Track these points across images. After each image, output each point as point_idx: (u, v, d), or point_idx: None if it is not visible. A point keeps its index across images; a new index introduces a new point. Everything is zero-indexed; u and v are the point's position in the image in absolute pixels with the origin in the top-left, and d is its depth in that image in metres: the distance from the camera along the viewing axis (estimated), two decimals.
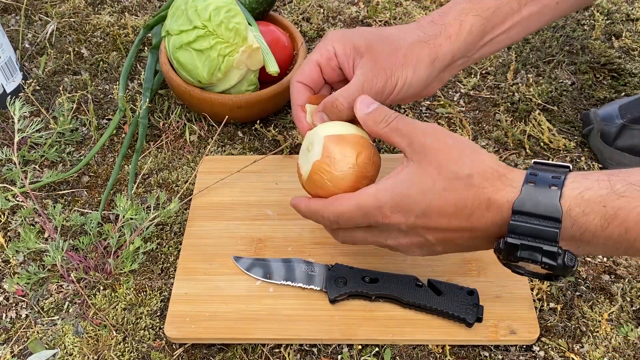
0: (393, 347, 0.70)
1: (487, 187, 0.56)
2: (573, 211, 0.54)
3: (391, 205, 0.59)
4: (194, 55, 0.86)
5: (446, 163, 0.58)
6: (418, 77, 0.69)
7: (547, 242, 0.54)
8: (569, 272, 0.55)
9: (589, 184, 0.54)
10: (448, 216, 0.58)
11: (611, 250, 0.56)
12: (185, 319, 0.71)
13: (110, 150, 0.93)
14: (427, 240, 0.61)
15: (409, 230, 0.60)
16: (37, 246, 0.74)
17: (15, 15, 1.15)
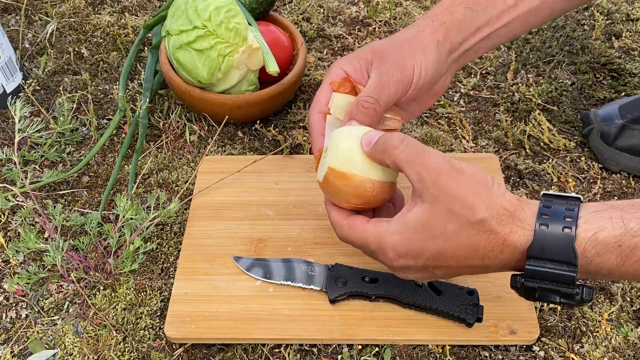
0: (393, 347, 0.70)
1: (500, 231, 0.55)
2: (588, 252, 0.54)
3: (400, 251, 0.59)
4: (194, 55, 0.86)
5: (459, 208, 0.56)
6: (430, 59, 0.68)
7: (564, 285, 0.54)
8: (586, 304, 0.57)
9: (602, 224, 0.54)
10: (459, 259, 0.57)
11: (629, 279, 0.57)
12: (185, 319, 0.71)
13: (110, 150, 0.93)
14: (437, 275, 0.61)
15: (418, 270, 0.60)
16: (37, 246, 0.74)
17: (15, 15, 1.15)
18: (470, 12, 0.71)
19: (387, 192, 0.63)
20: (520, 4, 0.72)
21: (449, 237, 0.56)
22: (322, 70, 1.04)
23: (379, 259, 0.62)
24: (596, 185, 0.86)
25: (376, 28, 1.12)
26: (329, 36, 1.11)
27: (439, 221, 0.56)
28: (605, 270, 0.54)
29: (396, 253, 0.59)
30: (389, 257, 0.59)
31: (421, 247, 0.57)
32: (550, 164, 0.88)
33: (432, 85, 0.70)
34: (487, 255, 0.56)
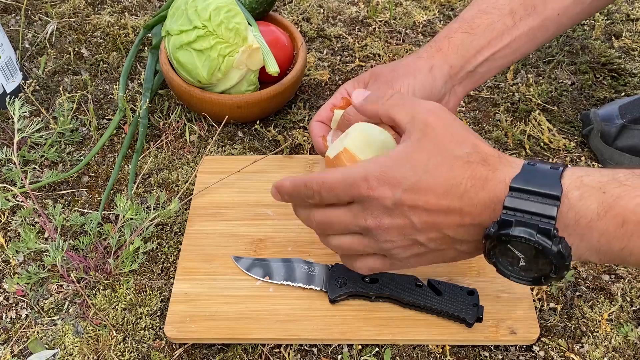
0: (393, 347, 0.70)
1: (484, 166, 0.54)
2: (571, 194, 0.52)
3: (378, 177, 0.55)
4: (194, 55, 0.86)
5: (446, 142, 0.55)
6: (419, 83, 0.71)
7: (544, 219, 0.51)
8: (562, 266, 0.52)
9: (591, 171, 0.53)
10: (438, 195, 0.54)
11: (604, 250, 0.53)
12: (185, 319, 0.71)
13: (110, 150, 0.93)
14: (412, 224, 0.56)
15: (393, 208, 0.56)
16: (37, 246, 0.74)
17: (15, 15, 1.15)
18: (469, 36, 0.74)
19: None
20: (520, 24, 0.74)
21: (431, 168, 0.54)
22: (322, 70, 1.04)
23: (353, 194, 0.57)
24: None
25: (376, 28, 1.12)
26: (329, 36, 1.11)
27: (424, 153, 0.55)
28: (584, 222, 0.52)
29: (375, 179, 0.55)
30: (366, 185, 0.56)
31: (401, 175, 0.55)
32: None
33: None
34: (467, 190, 0.54)
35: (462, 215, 0.54)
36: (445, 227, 0.56)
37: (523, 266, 0.55)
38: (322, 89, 1.02)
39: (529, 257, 0.54)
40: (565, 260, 0.52)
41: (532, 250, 0.53)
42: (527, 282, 0.56)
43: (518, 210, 0.52)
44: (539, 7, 0.75)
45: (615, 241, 0.52)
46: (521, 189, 0.52)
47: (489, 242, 0.54)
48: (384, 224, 0.57)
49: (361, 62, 1.06)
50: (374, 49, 1.07)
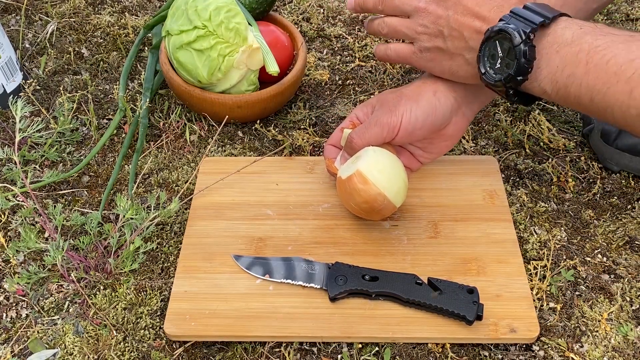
0: (393, 346, 0.70)
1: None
2: (559, 22, 0.64)
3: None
4: (194, 55, 0.86)
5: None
6: (422, 107, 0.75)
7: (528, 24, 0.64)
8: (522, 68, 0.64)
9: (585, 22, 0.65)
10: (478, 2, 0.68)
11: (558, 76, 0.64)
12: (185, 317, 0.71)
13: (111, 150, 0.93)
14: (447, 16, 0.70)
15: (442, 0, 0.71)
16: (37, 246, 0.74)
17: (16, 15, 1.15)
18: None
19: (389, 211, 0.74)
20: None
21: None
22: (322, 70, 1.04)
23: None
24: (596, 185, 0.86)
25: None
26: (329, 36, 1.11)
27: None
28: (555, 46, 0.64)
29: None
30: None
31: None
32: (550, 164, 0.89)
33: (436, 130, 0.77)
34: (500, 5, 0.67)
35: (484, 21, 0.68)
36: (467, 28, 0.69)
37: (497, 68, 0.67)
38: (322, 89, 1.02)
39: (504, 56, 0.66)
40: (527, 62, 0.64)
41: (509, 49, 0.65)
42: (491, 82, 0.68)
43: (518, 15, 0.65)
44: None
45: (567, 67, 0.63)
46: (530, 7, 0.65)
47: (485, 35, 0.67)
48: (429, 8, 0.72)
49: (361, 62, 1.06)
50: (373, 49, 1.08)
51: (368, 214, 0.75)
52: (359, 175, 0.72)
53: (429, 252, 0.76)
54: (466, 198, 0.82)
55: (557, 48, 0.64)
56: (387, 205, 0.73)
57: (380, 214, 0.75)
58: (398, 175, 0.74)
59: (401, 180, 0.74)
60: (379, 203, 0.72)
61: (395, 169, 0.74)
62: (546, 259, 0.77)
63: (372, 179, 0.71)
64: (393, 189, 0.72)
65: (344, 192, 0.75)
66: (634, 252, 0.79)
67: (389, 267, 0.74)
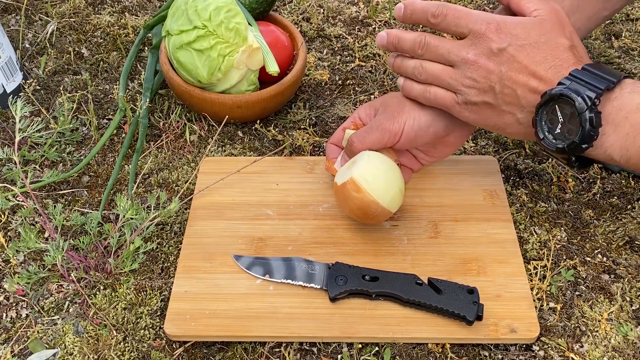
0: (393, 346, 0.70)
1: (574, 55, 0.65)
2: (625, 86, 0.62)
3: (499, 24, 0.66)
4: (194, 55, 0.86)
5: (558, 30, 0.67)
6: (425, 114, 0.75)
7: (593, 88, 0.61)
8: (588, 135, 0.61)
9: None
10: (535, 61, 0.65)
11: (629, 144, 0.61)
12: (185, 317, 0.71)
13: (111, 150, 0.93)
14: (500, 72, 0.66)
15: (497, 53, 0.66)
16: (37, 246, 0.74)
17: (16, 15, 1.15)
18: None
19: (384, 216, 0.74)
20: None
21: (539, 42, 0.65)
22: (322, 70, 1.04)
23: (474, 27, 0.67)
24: (596, 185, 0.86)
25: (376, 28, 1.12)
26: (329, 36, 1.11)
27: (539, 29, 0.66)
28: (623, 112, 0.61)
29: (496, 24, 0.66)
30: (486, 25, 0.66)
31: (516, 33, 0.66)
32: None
33: (439, 137, 0.77)
34: (555, 66, 0.64)
35: (540, 81, 0.64)
36: (522, 86, 0.65)
37: (557, 134, 0.64)
38: (322, 89, 1.02)
39: (565, 121, 0.63)
40: (592, 130, 0.61)
41: (571, 114, 0.62)
42: (552, 149, 0.65)
43: (578, 78, 0.62)
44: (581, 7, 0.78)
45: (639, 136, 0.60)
46: (589, 70, 0.63)
47: (543, 97, 0.63)
48: (480, 62, 0.67)
49: (361, 62, 1.06)
50: (374, 48, 1.08)
51: (363, 219, 0.75)
52: (352, 183, 0.72)
53: (429, 252, 0.76)
54: (466, 198, 0.82)
55: (626, 114, 0.61)
56: (382, 211, 0.73)
57: (376, 219, 0.75)
58: (393, 182, 0.73)
59: (396, 186, 0.73)
60: (372, 210, 0.72)
61: (391, 175, 0.74)
62: (546, 259, 0.77)
63: (365, 187, 0.71)
64: (387, 196, 0.72)
65: (340, 197, 0.75)
66: (634, 252, 0.79)
67: (389, 267, 0.74)
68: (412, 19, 0.71)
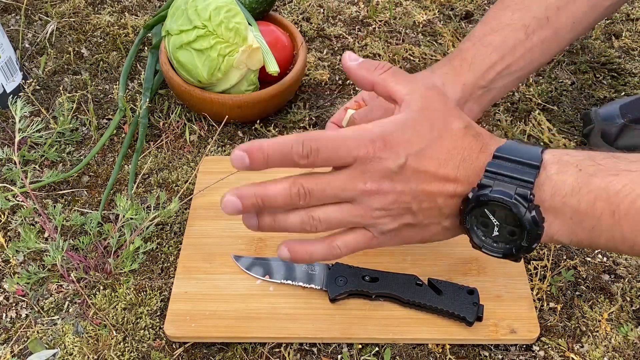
0: (393, 347, 0.70)
1: (478, 140, 0.57)
2: (549, 167, 0.55)
3: (385, 139, 0.55)
4: (194, 55, 0.86)
5: (446, 115, 0.57)
6: None
7: (522, 183, 0.54)
8: (534, 235, 0.55)
9: (569, 150, 0.57)
10: (440, 163, 0.56)
11: (576, 229, 0.55)
12: (185, 318, 0.71)
13: (110, 150, 0.93)
14: (410, 190, 0.56)
15: (397, 172, 0.55)
16: (37, 246, 0.74)
17: (15, 15, 1.15)
18: (481, 53, 0.74)
19: None
20: (533, 36, 0.74)
21: (434, 137, 0.56)
22: (322, 70, 1.04)
23: (358, 154, 0.54)
24: None
25: (376, 28, 1.12)
26: (329, 36, 1.11)
27: (427, 123, 0.56)
28: (559, 197, 0.55)
29: (382, 140, 0.55)
30: (372, 146, 0.54)
31: (406, 140, 0.55)
32: None
33: None
34: (464, 159, 0.56)
35: (456, 184, 0.57)
36: (439, 195, 0.57)
37: (496, 236, 0.58)
38: (322, 88, 1.02)
39: (502, 224, 0.56)
40: (538, 229, 0.55)
41: (506, 216, 0.56)
42: (498, 253, 0.58)
43: (498, 174, 0.55)
44: (552, 18, 0.75)
45: (587, 220, 0.54)
46: (504, 157, 0.55)
47: (468, 205, 0.56)
48: (383, 188, 0.56)
49: None
50: (374, 48, 1.07)
51: None
52: None
53: (429, 252, 0.76)
54: None
55: (562, 199, 0.55)
56: None
57: None
58: None
59: None
60: None
61: None
62: (546, 259, 0.77)
63: None
64: None
65: None
66: None
67: (389, 267, 0.74)
68: (269, 165, 0.55)
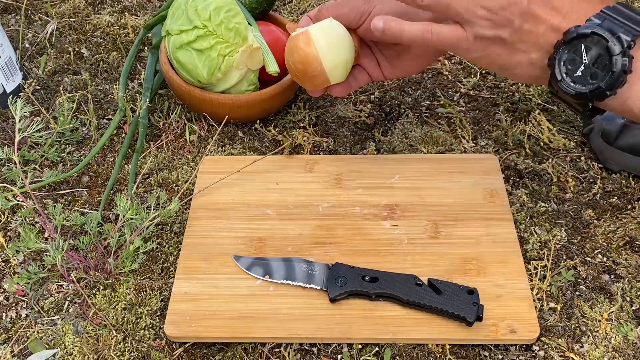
0: (393, 346, 0.70)
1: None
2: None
3: None
4: (194, 55, 0.86)
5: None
6: (397, 6, 0.70)
7: (628, 30, 0.54)
8: (616, 80, 0.55)
9: None
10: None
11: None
12: (185, 318, 0.71)
13: (110, 150, 0.93)
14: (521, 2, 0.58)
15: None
16: (37, 246, 0.74)
17: (15, 15, 1.15)
18: None
19: (320, 82, 0.74)
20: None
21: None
22: None
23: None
24: (596, 185, 0.86)
25: None
26: None
27: None
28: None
29: None
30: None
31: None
32: (550, 164, 0.89)
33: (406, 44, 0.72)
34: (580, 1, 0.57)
35: (564, 18, 0.58)
36: (543, 22, 0.58)
37: (577, 76, 0.58)
38: None
39: (590, 64, 0.57)
40: (621, 76, 0.55)
41: (598, 56, 0.56)
42: (571, 92, 0.59)
43: (610, 16, 0.55)
44: None
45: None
46: (622, 9, 0.56)
47: (568, 35, 0.57)
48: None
49: None
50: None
51: (302, 77, 0.74)
52: (304, 35, 0.71)
53: (429, 252, 0.76)
54: (466, 197, 0.82)
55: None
56: (321, 74, 0.72)
57: (312, 82, 0.74)
58: (343, 51, 0.72)
59: (344, 57, 0.72)
60: (313, 68, 0.71)
61: (344, 44, 0.72)
62: (546, 259, 0.77)
63: (315, 42, 0.70)
64: (332, 60, 0.71)
65: (288, 48, 0.73)
66: (634, 252, 0.79)
67: (389, 267, 0.74)
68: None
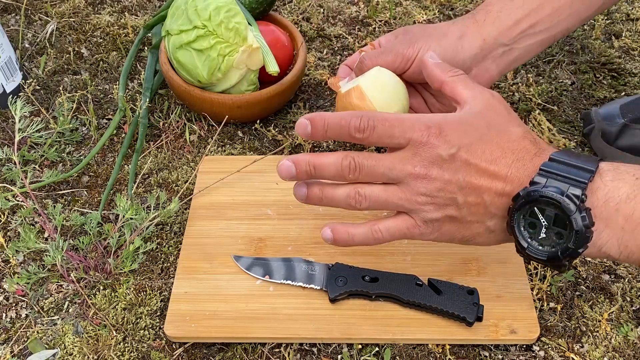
0: (393, 347, 0.70)
1: (535, 145, 0.58)
2: (605, 173, 0.55)
3: (440, 126, 0.57)
4: (194, 55, 0.86)
5: (505, 119, 0.59)
6: (442, 47, 0.71)
7: (575, 183, 0.54)
8: (582, 238, 0.54)
9: (626, 164, 0.57)
10: (491, 159, 0.57)
11: (626, 239, 0.55)
12: (185, 318, 0.71)
13: (110, 150, 0.93)
14: (457, 180, 0.57)
15: (447, 160, 0.57)
16: (37, 246, 0.74)
17: (15, 15, 1.15)
18: (507, 7, 0.72)
19: None
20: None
21: (490, 135, 0.57)
22: (322, 70, 1.04)
23: (412, 136, 0.57)
24: None
25: (376, 28, 1.12)
26: (329, 36, 1.11)
27: (484, 121, 0.58)
28: (612, 204, 0.54)
29: (437, 127, 0.57)
30: (427, 131, 0.57)
31: (462, 131, 0.57)
32: None
33: None
34: (518, 160, 0.56)
35: (506, 182, 0.56)
36: (487, 191, 0.57)
37: (542, 239, 0.57)
38: (322, 88, 1.02)
39: (550, 225, 0.56)
40: (587, 232, 0.54)
41: (555, 216, 0.55)
42: (543, 256, 0.57)
43: (552, 173, 0.54)
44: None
45: (637, 229, 0.54)
46: (559, 160, 0.55)
47: (518, 201, 0.55)
48: (431, 174, 0.57)
49: None
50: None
51: None
52: (357, 90, 0.69)
53: (429, 252, 0.76)
54: None
55: (616, 206, 0.54)
56: None
57: None
58: (397, 98, 0.70)
59: (400, 104, 0.71)
60: None
61: (397, 91, 0.71)
62: None
63: (369, 95, 0.68)
64: (390, 110, 0.69)
65: (340, 106, 0.72)
66: None
67: (389, 267, 0.74)
68: (327, 136, 0.60)
